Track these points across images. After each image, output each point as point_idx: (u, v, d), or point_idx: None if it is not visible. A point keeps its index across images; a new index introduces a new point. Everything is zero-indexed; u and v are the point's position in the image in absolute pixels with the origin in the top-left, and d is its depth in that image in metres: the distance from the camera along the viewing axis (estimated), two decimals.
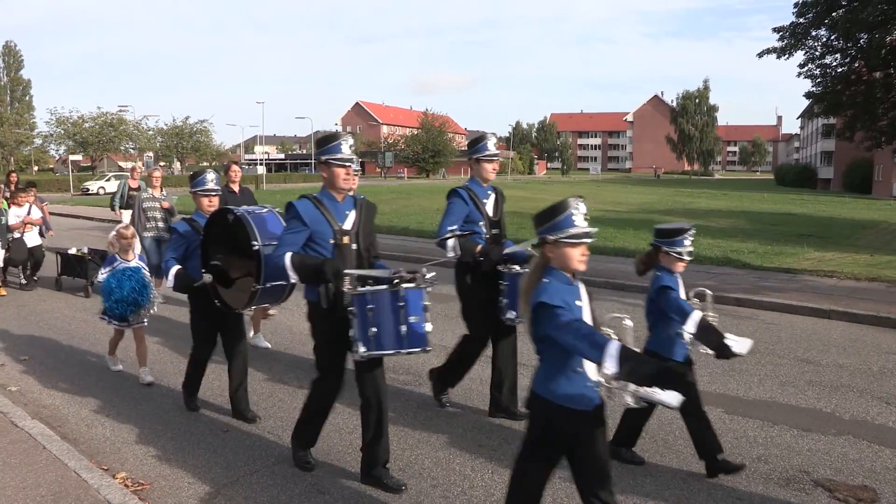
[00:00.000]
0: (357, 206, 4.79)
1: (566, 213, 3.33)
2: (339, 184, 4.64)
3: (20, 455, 5.13)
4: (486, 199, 5.88)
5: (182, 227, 5.98)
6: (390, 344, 4.37)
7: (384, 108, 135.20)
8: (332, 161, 4.60)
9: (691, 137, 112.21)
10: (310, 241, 4.57)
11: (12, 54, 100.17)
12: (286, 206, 4.64)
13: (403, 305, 4.34)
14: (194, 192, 6.12)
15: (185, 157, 79.99)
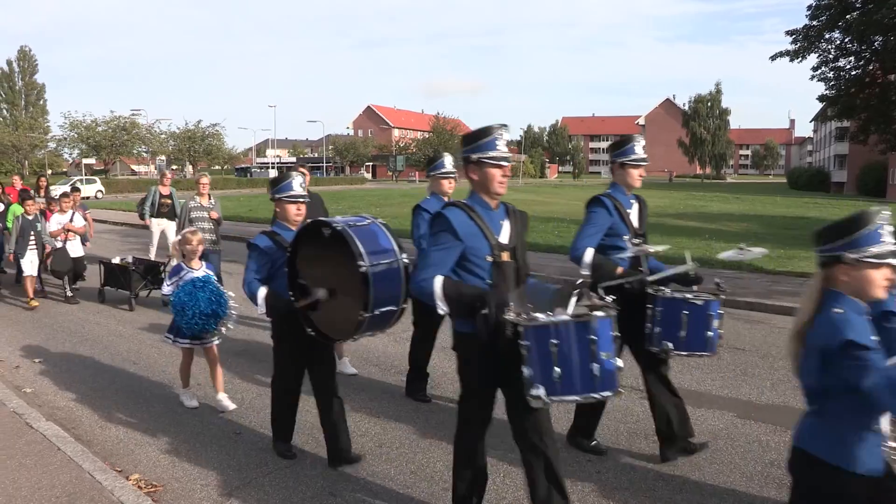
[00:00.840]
0: (510, 214, 4.03)
1: (871, 227, 2.77)
2: (494, 187, 3.85)
3: (35, 456, 5.17)
4: (629, 210, 5.17)
5: (263, 241, 5.02)
6: (579, 387, 3.52)
7: (395, 111, 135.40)
8: (485, 160, 3.80)
9: (703, 141, 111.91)
10: (461, 258, 3.77)
11: (27, 59, 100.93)
12: (434, 215, 3.86)
13: (595, 340, 3.49)
14: (278, 198, 5.13)
15: (198, 160, 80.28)
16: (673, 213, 31.74)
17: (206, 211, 10.38)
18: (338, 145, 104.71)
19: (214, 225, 10.41)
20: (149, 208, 13.48)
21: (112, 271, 11.48)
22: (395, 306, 4.38)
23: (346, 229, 4.27)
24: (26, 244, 11.10)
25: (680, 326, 4.75)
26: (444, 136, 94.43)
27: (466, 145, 3.86)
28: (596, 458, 5.31)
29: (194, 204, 10.41)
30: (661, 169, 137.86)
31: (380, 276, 4.18)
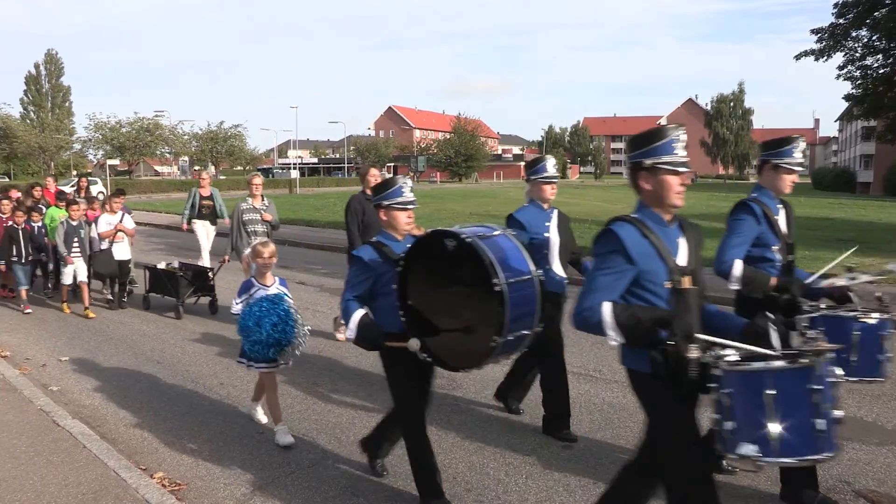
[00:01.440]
0: (685, 229, 3.42)
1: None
2: (671, 198, 3.26)
3: (62, 453, 5.22)
4: (777, 216, 4.56)
5: (367, 253, 4.37)
6: (801, 447, 2.82)
7: (417, 112, 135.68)
8: (661, 166, 3.21)
9: (726, 141, 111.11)
10: (633, 284, 3.21)
11: (53, 62, 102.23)
12: (600, 234, 3.29)
13: (819, 389, 2.82)
14: (387, 205, 4.48)
15: (220, 161, 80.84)
16: (696, 214, 31.53)
17: (258, 213, 9.73)
18: (359, 146, 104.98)
19: (268, 228, 9.77)
20: (188, 211, 13.10)
21: (158, 277, 10.95)
22: (528, 330, 3.87)
23: (476, 241, 3.75)
24: (70, 248, 10.63)
25: (850, 349, 4.02)
26: (465, 137, 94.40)
27: (637, 148, 3.29)
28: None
29: (246, 206, 9.73)
30: None
31: (515, 296, 3.69)
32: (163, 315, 10.47)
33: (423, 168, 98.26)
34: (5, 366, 7.54)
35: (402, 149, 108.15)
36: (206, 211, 13.15)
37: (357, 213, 8.03)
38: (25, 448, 5.34)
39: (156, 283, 10.96)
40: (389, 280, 4.24)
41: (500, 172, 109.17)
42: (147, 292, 11.08)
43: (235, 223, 9.68)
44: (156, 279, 10.97)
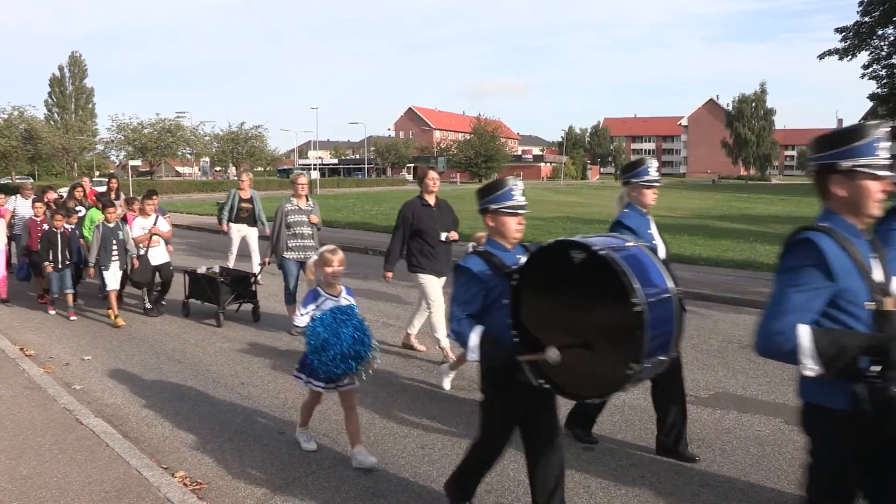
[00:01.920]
0: (876, 245, 2.91)
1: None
2: (869, 207, 2.77)
3: (85, 452, 5.26)
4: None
5: (476, 264, 3.82)
6: None
7: (437, 112, 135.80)
8: (861, 169, 2.73)
9: (748, 141, 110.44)
10: (829, 304, 2.72)
11: (77, 64, 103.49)
12: (791, 243, 2.81)
13: None
14: (494, 209, 3.91)
15: (241, 161, 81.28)
16: (716, 215, 31.36)
17: (305, 214, 9.12)
18: (379, 147, 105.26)
19: (315, 230, 9.21)
20: (226, 213, 12.64)
21: (198, 282, 10.38)
22: (665, 355, 3.37)
23: (611, 254, 3.24)
24: (109, 255, 10.00)
25: None
26: (485, 138, 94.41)
27: (831, 148, 2.79)
28: (640, 463, 5.25)
29: (291, 206, 9.17)
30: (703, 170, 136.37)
31: (655, 318, 3.18)
32: (201, 322, 10.08)
33: (443, 169, 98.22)
34: (30, 364, 7.62)
35: (422, 149, 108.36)
36: (245, 214, 12.75)
37: (408, 221, 7.77)
38: (49, 446, 5.39)
39: (195, 289, 10.45)
40: (500, 294, 3.75)
41: (520, 173, 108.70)
42: (186, 298, 10.54)
43: (278, 224, 9.10)
44: (195, 285, 10.46)
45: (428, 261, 7.72)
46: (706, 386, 7.07)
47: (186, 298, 10.54)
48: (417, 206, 7.84)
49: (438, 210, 7.99)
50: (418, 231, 7.74)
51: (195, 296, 10.44)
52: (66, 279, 10.50)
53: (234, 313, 10.30)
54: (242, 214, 12.76)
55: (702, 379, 7.26)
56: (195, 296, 10.44)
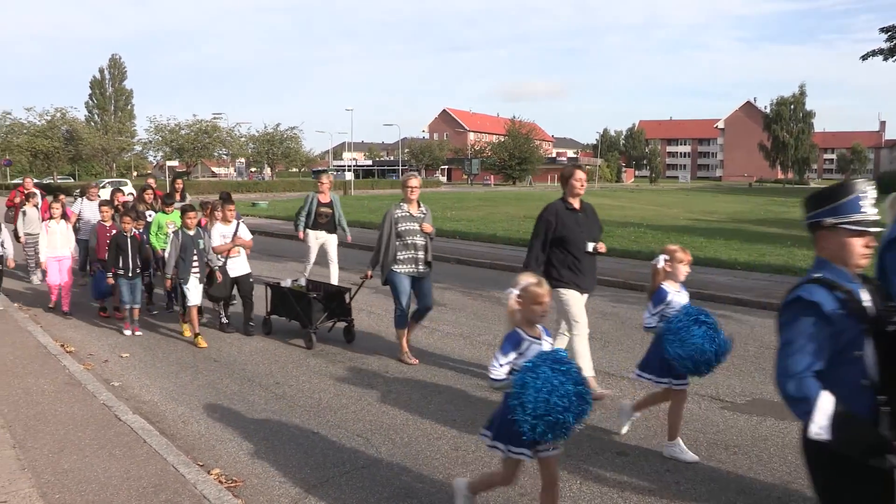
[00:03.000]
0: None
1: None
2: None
3: (124, 447, 5.35)
4: None
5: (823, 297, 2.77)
6: None
7: (471, 115, 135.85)
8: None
9: (786, 145, 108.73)
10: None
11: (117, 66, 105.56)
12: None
13: None
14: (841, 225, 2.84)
15: (276, 163, 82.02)
16: (753, 220, 30.95)
17: (417, 222, 7.86)
18: (413, 148, 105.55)
19: (428, 240, 7.97)
20: (304, 218, 11.67)
21: (284, 298, 9.21)
22: None
23: None
24: (188, 266, 8.84)
25: None
26: (519, 140, 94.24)
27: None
28: (676, 469, 5.20)
29: (401, 213, 7.90)
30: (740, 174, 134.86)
31: None
32: (287, 342, 8.99)
33: (477, 171, 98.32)
34: (70, 360, 7.76)
35: (456, 151, 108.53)
36: (324, 220, 11.74)
37: (550, 227, 6.71)
38: (90, 441, 5.48)
39: (280, 305, 9.27)
40: (850, 343, 2.76)
41: (555, 176, 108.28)
42: (268, 314, 9.41)
43: (386, 233, 7.82)
44: (281, 300, 9.25)
45: (572, 274, 6.70)
46: (742, 392, 6.98)
47: (268, 315, 9.42)
48: (562, 211, 6.76)
49: (584, 216, 6.92)
50: (562, 239, 6.68)
51: (279, 312, 9.32)
52: (136, 290, 9.54)
53: (351, 344, 8.85)
54: (321, 220, 11.73)
55: (738, 385, 7.18)
56: (279, 312, 9.32)
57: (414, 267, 7.84)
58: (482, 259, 16.31)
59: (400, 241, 7.80)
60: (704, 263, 15.28)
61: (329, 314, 8.85)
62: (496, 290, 12.34)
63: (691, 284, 12.43)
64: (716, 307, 11.07)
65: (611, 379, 7.36)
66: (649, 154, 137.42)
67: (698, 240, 19.67)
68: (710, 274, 13.89)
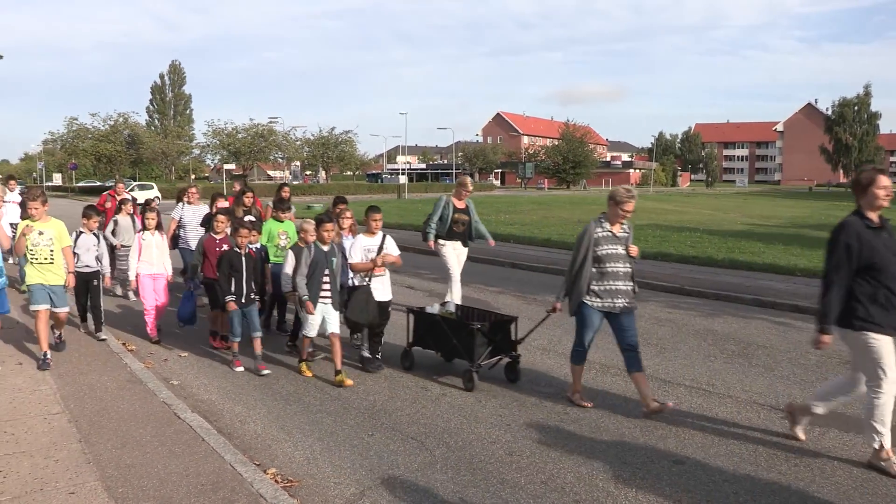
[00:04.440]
0: None
1: None
2: None
3: (183, 445, 5.45)
4: None
5: None
6: None
7: (525, 118, 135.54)
8: None
9: (849, 147, 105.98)
10: None
11: (177, 72, 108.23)
12: None
13: None
14: None
15: (331, 166, 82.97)
16: (813, 225, 30.23)
17: (621, 244, 6.46)
18: (467, 152, 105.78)
19: (631, 267, 6.54)
20: (434, 226, 10.05)
21: (435, 327, 7.67)
22: None
23: None
24: (317, 288, 7.37)
25: None
26: (573, 144, 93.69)
27: None
28: (734, 479, 5.09)
29: (602, 231, 6.43)
30: (799, 177, 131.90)
31: None
32: (431, 379, 7.47)
33: (531, 174, 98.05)
34: (131, 359, 7.95)
35: (509, 155, 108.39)
36: (460, 228, 10.11)
37: (854, 252, 5.08)
38: (150, 438, 5.60)
39: (427, 334, 7.79)
40: None
41: (609, 179, 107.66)
42: (409, 345, 7.97)
43: (581, 256, 6.41)
44: (429, 330, 7.76)
45: (885, 314, 5.09)
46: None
47: (410, 346, 7.95)
48: (863, 230, 5.14)
49: (889, 235, 5.22)
50: (870, 267, 5.09)
51: (426, 343, 7.84)
52: (252, 318, 8.01)
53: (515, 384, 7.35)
54: (457, 229, 10.04)
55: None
56: (426, 343, 7.84)
57: (611, 301, 6.39)
58: (536, 263, 16.24)
59: (597, 268, 6.37)
60: (762, 269, 15.00)
61: (493, 349, 7.34)
62: (549, 294, 12.27)
63: (749, 290, 12.30)
64: (774, 314, 10.85)
65: (667, 386, 7.25)
66: (705, 157, 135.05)
67: (756, 245, 19.31)
68: (768, 280, 13.61)
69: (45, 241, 7.75)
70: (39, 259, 7.71)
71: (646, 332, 9.50)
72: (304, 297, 7.32)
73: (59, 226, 7.87)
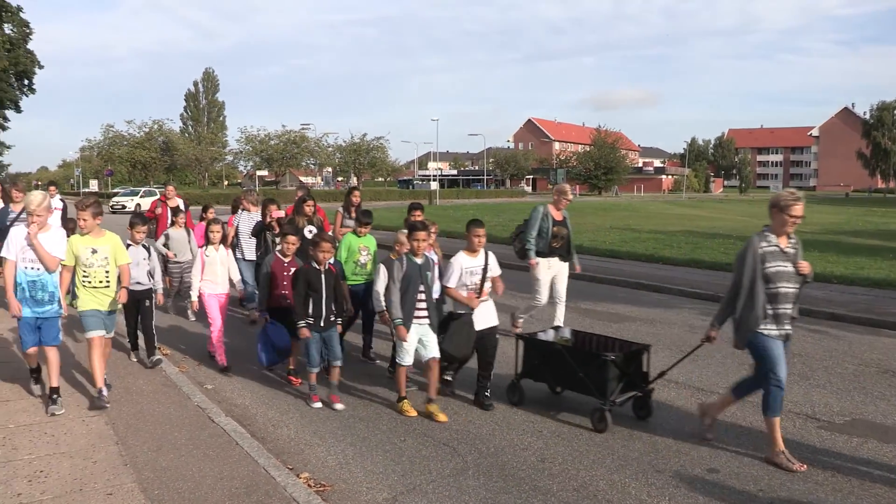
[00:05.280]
0: None
1: None
2: None
3: (217, 448, 5.51)
4: None
5: None
6: None
7: (556, 124, 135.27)
8: None
9: (888, 152, 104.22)
10: None
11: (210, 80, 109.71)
12: None
13: None
14: None
15: (362, 172, 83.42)
16: (849, 231, 29.81)
17: (790, 261, 5.51)
18: (498, 158, 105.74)
19: (800, 286, 5.63)
20: (533, 241, 8.75)
21: (553, 357, 6.60)
22: None
23: None
24: (411, 308, 6.47)
25: None
26: (605, 150, 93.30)
27: None
28: (769, 487, 5.03)
29: (769, 246, 5.48)
30: (836, 183, 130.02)
31: None
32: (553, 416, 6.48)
33: (563, 180, 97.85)
34: (166, 363, 8.04)
35: (541, 161, 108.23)
36: (559, 244, 8.93)
37: None
38: (185, 441, 5.66)
39: (542, 365, 6.73)
40: None
41: (641, 186, 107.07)
42: (518, 377, 6.91)
43: (749, 276, 5.45)
44: (545, 360, 6.70)
45: None
46: (841, 411, 6.71)
47: (518, 378, 6.90)
48: None
49: None
50: None
51: (539, 375, 6.83)
52: (333, 343, 6.85)
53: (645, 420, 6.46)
54: (556, 244, 8.83)
55: (836, 404, 6.91)
56: (539, 375, 6.83)
57: (785, 327, 5.53)
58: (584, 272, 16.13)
59: (769, 288, 5.45)
60: None
61: (627, 383, 6.38)
62: (580, 300, 12.25)
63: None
64: (810, 322, 10.70)
65: (701, 394, 7.19)
66: (739, 163, 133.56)
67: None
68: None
69: (100, 261, 6.60)
70: (94, 282, 6.59)
71: (679, 341, 9.43)
72: (396, 320, 6.41)
73: (114, 241, 6.72)
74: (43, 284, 6.34)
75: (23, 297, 6.31)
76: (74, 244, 6.53)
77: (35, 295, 6.31)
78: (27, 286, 6.29)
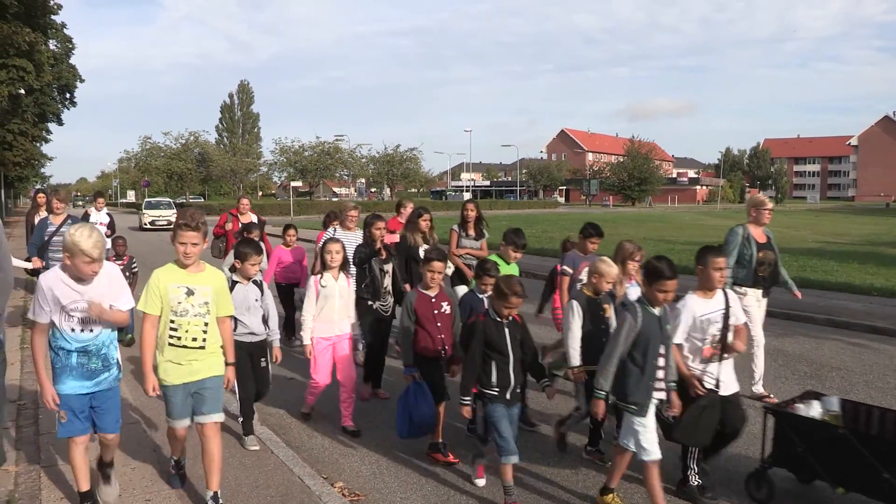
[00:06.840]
0: None
1: None
2: None
3: (253, 457, 5.58)
4: None
5: None
6: None
7: (589, 135, 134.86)
8: None
9: None
10: None
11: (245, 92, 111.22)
12: None
13: None
14: None
15: (395, 183, 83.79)
16: (890, 242, 29.25)
17: None
18: (531, 169, 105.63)
19: None
20: (733, 270, 7.16)
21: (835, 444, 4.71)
22: None
23: None
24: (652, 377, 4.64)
25: None
26: (638, 160, 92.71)
27: None
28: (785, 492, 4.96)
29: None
30: (875, 193, 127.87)
31: None
32: None
33: (596, 191, 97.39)
34: None
35: (574, 172, 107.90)
36: (765, 271, 7.36)
37: None
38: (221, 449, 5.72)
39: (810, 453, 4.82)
40: None
41: (675, 196, 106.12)
42: (765, 465, 5.08)
43: None
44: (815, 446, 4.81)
45: None
46: None
47: (765, 466, 5.06)
48: None
49: None
50: None
51: (801, 465, 4.97)
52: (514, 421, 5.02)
53: None
54: (762, 272, 7.28)
55: None
56: (801, 465, 4.97)
57: None
58: None
59: None
60: (836, 288, 14.59)
61: None
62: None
63: (821, 310, 11.95)
64: (849, 335, 10.55)
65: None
66: (775, 174, 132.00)
67: (829, 263, 18.76)
68: (842, 300, 13.24)
69: (198, 308, 4.53)
70: (184, 339, 4.51)
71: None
72: (632, 408, 4.55)
73: (218, 280, 4.70)
74: (97, 348, 4.39)
75: (66, 368, 4.31)
76: (163, 282, 4.46)
77: (87, 363, 4.35)
78: (76, 354, 4.32)
